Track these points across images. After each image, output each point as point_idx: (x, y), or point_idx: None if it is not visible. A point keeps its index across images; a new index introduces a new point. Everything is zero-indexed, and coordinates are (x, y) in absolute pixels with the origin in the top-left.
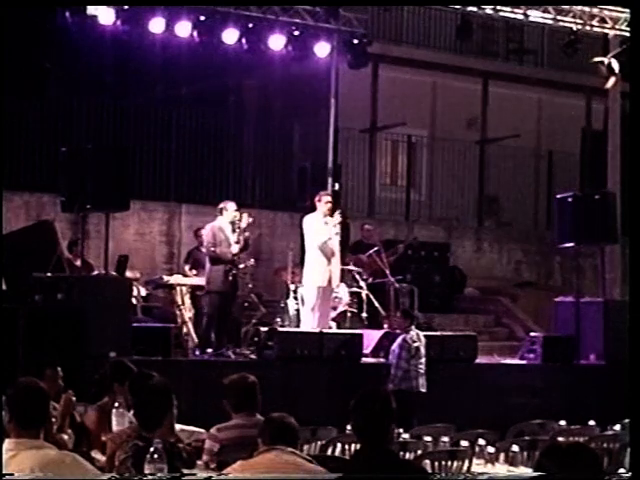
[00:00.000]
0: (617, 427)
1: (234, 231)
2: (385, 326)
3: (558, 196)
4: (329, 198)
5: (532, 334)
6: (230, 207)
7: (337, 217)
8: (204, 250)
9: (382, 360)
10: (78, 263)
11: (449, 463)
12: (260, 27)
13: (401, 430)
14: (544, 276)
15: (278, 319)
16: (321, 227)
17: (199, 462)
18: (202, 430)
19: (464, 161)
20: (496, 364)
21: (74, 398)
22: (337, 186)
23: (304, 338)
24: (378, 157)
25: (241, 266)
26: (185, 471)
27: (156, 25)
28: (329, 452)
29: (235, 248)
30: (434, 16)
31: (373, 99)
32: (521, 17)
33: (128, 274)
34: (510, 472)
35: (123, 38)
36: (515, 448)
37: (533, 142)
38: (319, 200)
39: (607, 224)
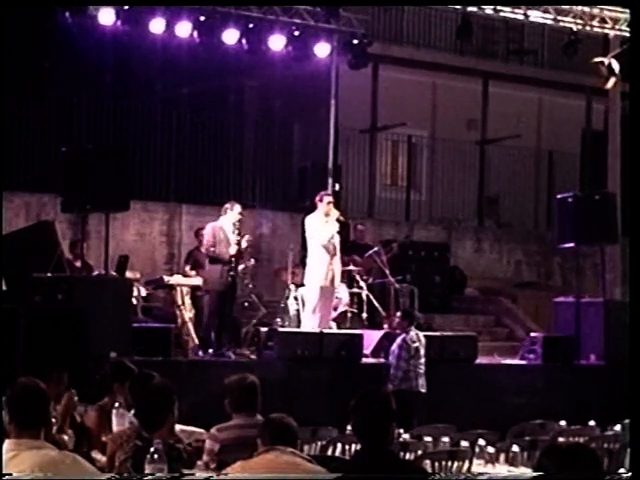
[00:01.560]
0: (617, 427)
1: (234, 232)
2: (385, 326)
3: (558, 196)
4: (330, 198)
5: (532, 334)
6: (236, 209)
7: (335, 213)
8: (203, 249)
9: (382, 360)
10: (78, 264)
11: (449, 463)
12: (260, 27)
13: (401, 430)
14: (544, 276)
15: (278, 319)
16: (322, 226)
17: (199, 462)
18: (202, 430)
19: (464, 161)
20: (496, 364)
21: (76, 398)
22: (337, 186)
23: (304, 338)
24: (378, 157)
25: (241, 266)
26: (185, 471)
27: (156, 25)
28: (329, 452)
29: (234, 249)
30: (434, 16)
31: (373, 99)
32: (521, 17)
33: (128, 274)
34: (510, 472)
35: (123, 38)
36: (515, 448)
37: (533, 142)
38: (320, 200)
39: (607, 224)
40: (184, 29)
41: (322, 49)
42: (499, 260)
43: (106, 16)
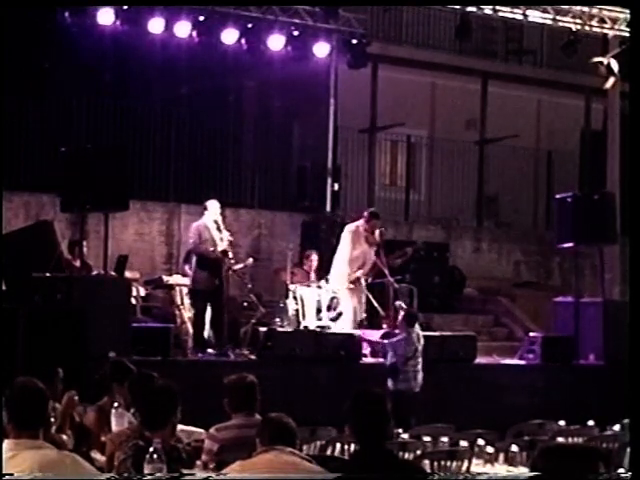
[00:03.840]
0: (616, 427)
1: (218, 230)
2: (384, 326)
3: (557, 196)
4: (377, 224)
5: (531, 334)
6: (210, 206)
7: (374, 239)
8: (190, 249)
9: (381, 360)
10: (77, 263)
11: (448, 463)
12: (259, 27)
13: (400, 430)
14: (543, 276)
15: (277, 319)
16: (352, 245)
17: (198, 462)
18: (201, 430)
19: (463, 161)
20: (495, 364)
21: (77, 398)
22: (336, 186)
23: (303, 338)
24: (377, 157)
25: (240, 266)
26: (184, 471)
27: (155, 25)
28: (328, 452)
29: (221, 246)
30: (433, 16)
31: (372, 99)
32: (520, 17)
33: (127, 274)
34: (509, 472)
35: (123, 38)
36: (514, 448)
37: (532, 142)
38: (367, 220)
39: (606, 224)
40: (183, 29)
41: (321, 49)
42: (498, 260)
43: (105, 16)
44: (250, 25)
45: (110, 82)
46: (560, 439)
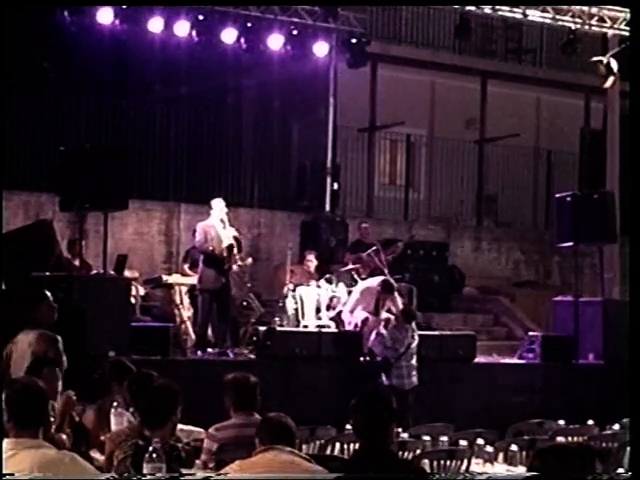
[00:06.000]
0: (616, 427)
1: (224, 228)
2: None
3: (557, 196)
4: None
5: (531, 333)
6: (215, 204)
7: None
8: (197, 248)
9: (379, 359)
10: (77, 263)
11: (448, 463)
12: (259, 27)
13: (400, 429)
14: (543, 276)
15: (276, 319)
16: (364, 303)
17: (197, 461)
18: (201, 430)
19: (463, 160)
20: (495, 363)
21: (75, 398)
22: (336, 185)
23: (303, 338)
24: (377, 156)
25: (239, 265)
26: (184, 471)
27: (155, 25)
28: (328, 451)
29: (227, 242)
30: (433, 15)
31: (372, 98)
32: (520, 16)
33: (127, 273)
34: (509, 472)
35: (122, 38)
36: (514, 448)
37: (532, 142)
38: (381, 291)
39: (606, 224)
40: (183, 28)
41: (321, 48)
42: (498, 259)
43: (105, 15)
44: (249, 24)
45: (109, 82)
46: (559, 438)
